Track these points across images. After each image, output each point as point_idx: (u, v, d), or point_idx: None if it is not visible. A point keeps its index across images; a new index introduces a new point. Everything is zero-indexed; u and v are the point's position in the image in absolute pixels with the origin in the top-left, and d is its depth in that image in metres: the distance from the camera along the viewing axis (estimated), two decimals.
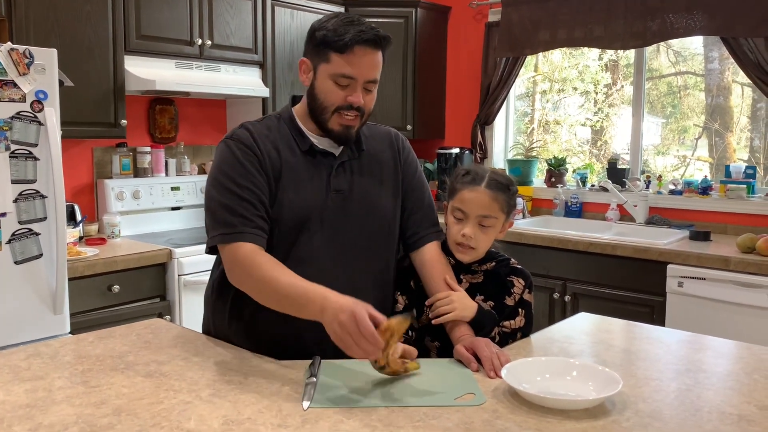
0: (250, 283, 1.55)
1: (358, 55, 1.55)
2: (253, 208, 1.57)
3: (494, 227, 1.70)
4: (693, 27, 3.57)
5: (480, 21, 4.48)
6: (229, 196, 1.58)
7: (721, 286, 2.98)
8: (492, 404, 1.30)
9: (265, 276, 1.50)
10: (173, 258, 3.11)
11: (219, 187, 1.60)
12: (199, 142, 3.97)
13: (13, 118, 2.45)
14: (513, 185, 1.74)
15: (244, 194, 1.57)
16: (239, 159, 1.60)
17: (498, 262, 1.76)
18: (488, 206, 1.67)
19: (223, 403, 1.28)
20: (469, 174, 1.71)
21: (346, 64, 1.55)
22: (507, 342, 1.68)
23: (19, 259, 2.51)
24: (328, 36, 1.55)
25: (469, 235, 1.67)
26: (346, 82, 1.57)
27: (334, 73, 1.56)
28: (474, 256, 1.71)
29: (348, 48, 1.54)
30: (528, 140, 4.62)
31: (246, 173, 1.59)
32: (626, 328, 1.88)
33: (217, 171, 1.62)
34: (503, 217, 1.71)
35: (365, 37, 1.54)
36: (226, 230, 1.56)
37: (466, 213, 1.68)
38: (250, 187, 1.58)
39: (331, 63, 1.56)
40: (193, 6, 3.47)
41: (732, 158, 3.88)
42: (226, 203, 1.57)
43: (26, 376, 1.42)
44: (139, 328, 1.77)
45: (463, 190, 1.69)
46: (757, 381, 1.45)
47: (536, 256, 3.49)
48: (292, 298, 1.46)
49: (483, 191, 1.67)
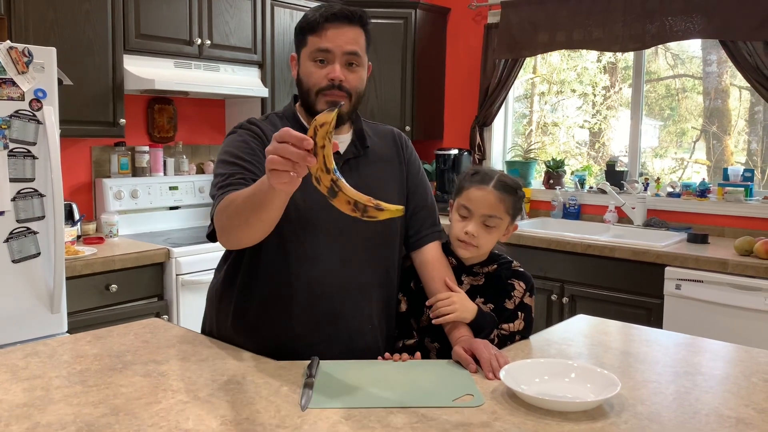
0: (225, 218, 1.46)
1: (330, 30, 1.59)
2: (252, 175, 1.54)
3: (498, 228, 1.70)
4: (691, 30, 3.58)
5: (479, 22, 4.49)
6: (230, 166, 1.57)
7: (718, 288, 2.99)
8: (490, 405, 1.30)
9: (230, 199, 1.44)
10: (171, 258, 3.10)
11: (224, 163, 1.59)
12: (197, 141, 3.97)
13: (12, 116, 2.45)
14: (521, 190, 1.74)
15: (245, 165, 1.57)
16: (247, 141, 1.62)
17: (500, 265, 1.76)
18: (494, 206, 1.67)
19: (221, 404, 1.28)
20: (478, 174, 1.72)
21: (319, 40, 1.59)
22: (505, 344, 1.68)
23: (17, 257, 2.50)
24: (304, 21, 1.62)
25: (471, 233, 1.67)
26: (322, 56, 1.59)
27: (311, 52, 1.60)
28: (475, 254, 1.71)
29: (319, 25, 1.59)
30: (526, 142, 4.63)
31: (250, 150, 1.60)
32: (624, 331, 1.88)
33: (225, 153, 1.62)
34: (508, 220, 1.71)
35: (333, 11, 1.59)
36: (222, 192, 1.52)
37: (471, 211, 1.69)
38: (251, 160, 1.58)
39: (307, 45, 1.61)
40: (192, 5, 3.46)
41: (730, 161, 3.89)
42: (230, 172, 1.56)
43: (24, 376, 1.41)
44: (137, 328, 1.77)
45: (470, 188, 1.70)
46: (756, 384, 1.45)
47: (534, 258, 3.49)
48: (250, 194, 1.36)
49: (490, 191, 1.68)
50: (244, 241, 1.48)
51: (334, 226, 1.63)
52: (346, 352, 1.61)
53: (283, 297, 1.62)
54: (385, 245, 1.72)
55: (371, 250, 1.68)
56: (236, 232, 1.45)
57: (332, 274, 1.62)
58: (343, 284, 1.64)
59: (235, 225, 1.44)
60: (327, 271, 1.62)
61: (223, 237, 1.51)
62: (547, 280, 3.51)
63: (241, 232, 1.44)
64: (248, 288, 1.65)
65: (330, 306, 1.63)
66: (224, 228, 1.49)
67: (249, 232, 1.44)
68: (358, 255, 1.66)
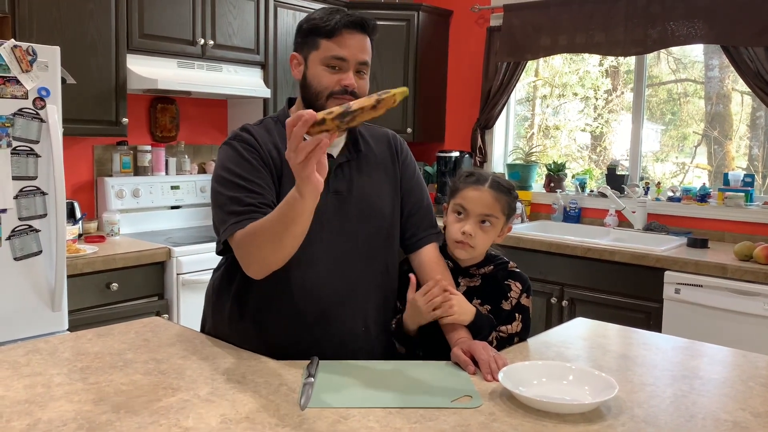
0: (252, 249, 1.50)
1: (347, 38, 1.59)
2: (261, 198, 1.56)
3: (494, 227, 1.71)
4: (693, 35, 3.59)
5: (482, 25, 4.49)
6: (236, 189, 1.57)
7: (718, 293, 2.99)
8: (489, 407, 1.31)
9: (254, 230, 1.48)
10: (172, 257, 3.11)
11: (225, 183, 1.59)
12: (199, 141, 3.98)
13: (15, 114, 2.46)
14: (514, 190, 1.77)
15: (251, 186, 1.57)
16: (243, 156, 1.61)
17: (496, 266, 1.77)
18: (490, 206, 1.69)
19: (221, 402, 1.29)
20: (473, 175, 1.74)
21: (336, 46, 1.59)
22: (504, 347, 1.69)
23: (19, 255, 2.51)
24: (316, 23, 1.60)
25: (469, 233, 1.68)
26: (337, 63, 1.59)
27: (325, 57, 1.59)
28: (472, 254, 1.72)
29: (336, 31, 1.58)
30: (528, 145, 4.64)
31: (251, 168, 1.59)
32: (623, 334, 1.89)
33: (222, 169, 1.62)
34: (503, 220, 1.73)
35: (351, 19, 1.59)
36: (236, 219, 1.54)
37: (467, 210, 1.70)
38: (256, 181, 1.58)
39: (320, 49, 1.60)
40: (195, 6, 3.48)
41: (731, 166, 3.89)
42: (235, 196, 1.56)
43: (25, 372, 1.42)
44: (138, 326, 1.77)
45: (466, 189, 1.71)
46: (753, 388, 1.46)
47: (534, 261, 3.50)
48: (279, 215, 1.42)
49: (486, 190, 1.70)
50: (277, 263, 1.52)
51: (328, 229, 1.63)
52: (339, 353, 1.61)
53: (278, 297, 1.63)
54: (380, 248, 1.72)
55: (367, 252, 1.69)
56: (269, 257, 1.49)
57: (328, 275, 1.63)
58: (338, 286, 1.64)
59: (269, 252, 1.48)
60: (322, 273, 1.62)
61: (254, 267, 1.54)
62: (546, 283, 3.52)
63: (273, 256, 1.49)
64: (245, 288, 1.66)
65: (324, 307, 1.63)
66: (254, 258, 1.52)
67: (282, 254, 1.48)
68: (354, 257, 1.67)
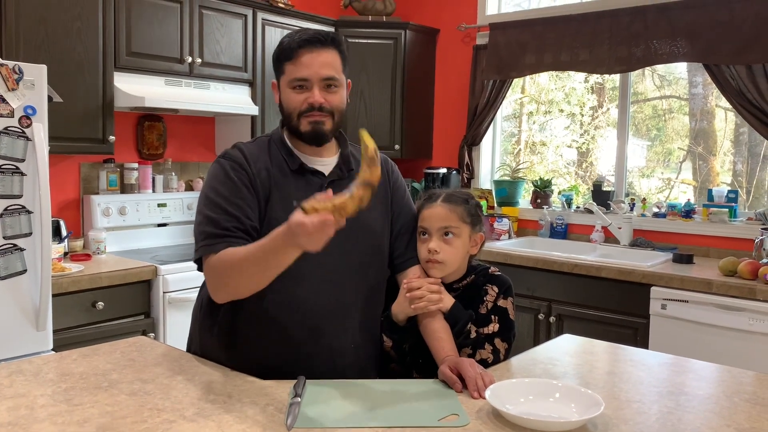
0: (225, 279, 1.55)
1: (305, 57, 1.63)
2: (237, 222, 1.58)
3: (459, 237, 1.73)
4: (676, 53, 3.64)
5: (468, 44, 4.53)
6: (216, 210, 1.60)
7: (703, 308, 3.01)
8: (476, 425, 1.31)
9: (230, 261, 1.52)
10: (158, 275, 3.10)
11: (208, 202, 1.62)
12: (187, 158, 3.98)
13: (1, 133, 2.45)
14: (472, 199, 1.80)
15: (230, 209, 1.59)
16: (230, 176, 1.63)
17: (477, 274, 1.79)
18: (446, 218, 1.73)
19: (207, 423, 1.28)
20: (428, 195, 1.80)
21: (295, 69, 1.63)
22: (485, 345, 1.70)
23: (3, 274, 2.49)
24: (281, 48, 1.67)
25: (434, 249, 1.71)
26: (300, 84, 1.64)
27: (290, 80, 1.65)
28: (444, 270, 1.74)
29: (294, 52, 1.63)
30: (515, 161, 4.66)
31: (235, 189, 1.61)
32: (610, 350, 1.90)
33: (208, 188, 1.65)
34: (467, 229, 1.75)
35: (306, 37, 1.63)
36: (208, 242, 1.58)
37: (427, 229, 1.74)
38: (237, 203, 1.60)
39: (286, 73, 1.66)
40: (183, 24, 3.49)
41: (715, 181, 3.93)
42: (213, 217, 1.59)
43: (8, 394, 1.41)
44: (124, 346, 1.76)
45: (423, 209, 1.77)
46: (737, 404, 1.47)
47: (521, 277, 3.51)
48: (261, 253, 1.46)
49: (439, 205, 1.75)
50: (245, 294, 1.57)
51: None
52: (328, 370, 1.61)
53: (266, 315, 1.63)
54: (370, 266, 1.73)
55: (356, 270, 1.69)
56: (240, 289, 1.56)
57: (317, 292, 1.63)
58: (327, 303, 1.65)
59: (242, 285, 1.54)
60: (311, 290, 1.63)
61: (221, 293, 1.59)
62: (534, 299, 3.52)
63: (245, 289, 1.55)
64: (232, 306, 1.65)
65: (313, 324, 1.64)
66: (224, 286, 1.57)
67: (254, 289, 1.54)
68: (343, 274, 1.67)
